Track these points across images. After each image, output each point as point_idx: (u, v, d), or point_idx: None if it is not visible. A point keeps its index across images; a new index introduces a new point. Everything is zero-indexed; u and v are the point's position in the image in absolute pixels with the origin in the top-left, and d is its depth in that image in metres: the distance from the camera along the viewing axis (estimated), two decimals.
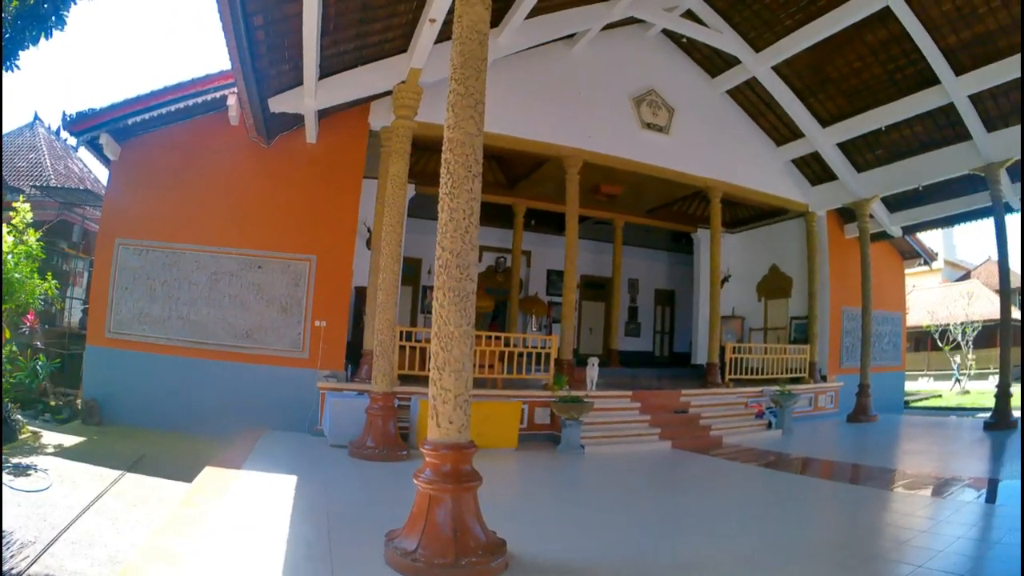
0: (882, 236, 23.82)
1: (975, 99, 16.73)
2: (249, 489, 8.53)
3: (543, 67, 16.74)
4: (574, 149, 16.75)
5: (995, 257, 18.61)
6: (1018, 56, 15.08)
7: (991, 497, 9.96)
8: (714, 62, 19.49)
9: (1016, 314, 30.89)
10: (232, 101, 13.68)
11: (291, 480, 9.05)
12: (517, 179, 20.58)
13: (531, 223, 23.28)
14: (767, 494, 10.59)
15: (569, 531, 7.52)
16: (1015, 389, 17.67)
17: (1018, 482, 10.42)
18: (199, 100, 13.80)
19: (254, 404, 13.50)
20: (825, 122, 19.62)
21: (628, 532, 7.60)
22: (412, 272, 21.69)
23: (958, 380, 40.80)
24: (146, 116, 13.63)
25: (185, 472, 9.39)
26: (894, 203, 22.64)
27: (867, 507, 9.40)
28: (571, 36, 16.87)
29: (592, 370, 15.71)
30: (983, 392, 37.83)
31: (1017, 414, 17.55)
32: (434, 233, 6.45)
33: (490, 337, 15.45)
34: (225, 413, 13.15)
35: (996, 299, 46.68)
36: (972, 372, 42.29)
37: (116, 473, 9.70)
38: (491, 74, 14.77)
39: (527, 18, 13.99)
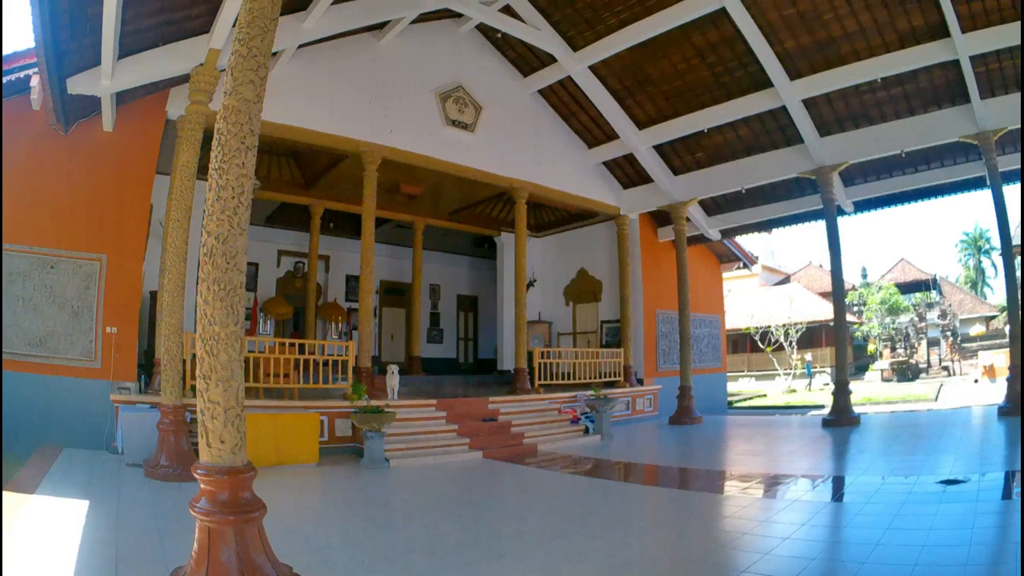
0: (699, 239, 24.77)
1: (809, 104, 17.71)
2: (41, 518, 7.79)
3: (349, 59, 16.77)
4: (374, 144, 16.71)
5: (815, 261, 19.66)
6: (859, 63, 16.26)
7: (839, 496, 9.92)
8: (528, 60, 19.88)
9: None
10: (36, 82, 12.86)
11: (83, 506, 8.39)
12: (315, 177, 20.41)
13: (330, 226, 23.41)
14: (593, 505, 10.08)
15: (374, 559, 6.98)
16: (852, 386, 18.57)
17: (871, 478, 10.72)
18: (3, 80, 12.81)
19: (52, 419, 12.66)
20: (642, 124, 20.29)
21: (441, 557, 7.06)
22: None
23: (810, 376, 43.97)
24: None
25: None
26: (713, 206, 23.56)
27: (715, 514, 9.35)
28: (381, 27, 16.93)
29: (392, 378, 15.79)
30: (810, 389, 40.89)
31: (857, 410, 18.53)
32: None
33: (284, 344, 15.39)
34: (25, 430, 12.19)
35: (818, 301, 49.80)
36: (797, 371, 45.27)
37: None
38: (294, 64, 14.99)
39: (336, 2, 13.95)
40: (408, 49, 17.78)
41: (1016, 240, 46.27)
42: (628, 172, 22.64)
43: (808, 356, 46.67)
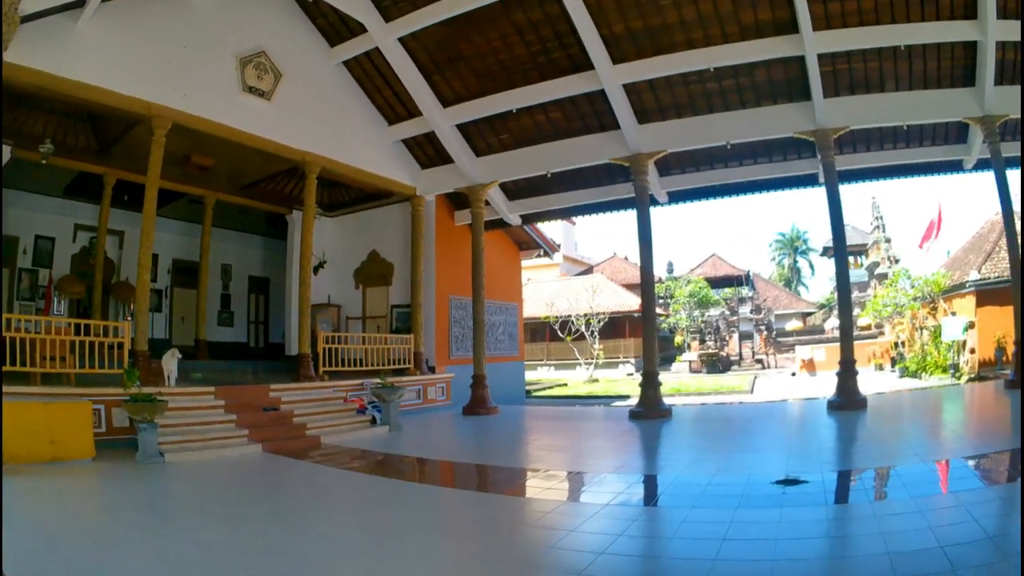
0: (499, 224, 25.22)
1: (630, 89, 18.11)
2: None
3: (156, 15, 16.00)
4: (166, 108, 15.96)
5: (620, 253, 20.31)
6: (692, 52, 16.78)
7: (659, 499, 9.46)
8: (338, 29, 19.64)
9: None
10: None
11: None
12: (109, 144, 19.56)
13: (124, 198, 22.21)
14: (377, 512, 9.27)
15: None
16: (660, 377, 18.60)
17: (695, 477, 10.22)
18: None
19: None
20: (448, 102, 20.37)
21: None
22: (7, 251, 20.38)
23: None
24: None
25: None
26: (515, 190, 23.93)
27: (517, 522, 8.55)
28: None
29: (169, 363, 15.26)
30: (613, 380, 42.20)
31: (667, 401, 18.92)
32: (35, 208, 5.40)
33: (61, 325, 14.80)
34: None
35: (622, 292, 51.56)
36: (600, 361, 46.76)
37: None
38: (99, 18, 14.64)
39: None
40: (217, 8, 17.43)
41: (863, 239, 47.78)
42: (428, 152, 22.79)
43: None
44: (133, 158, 18.90)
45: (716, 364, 49.49)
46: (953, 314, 32.75)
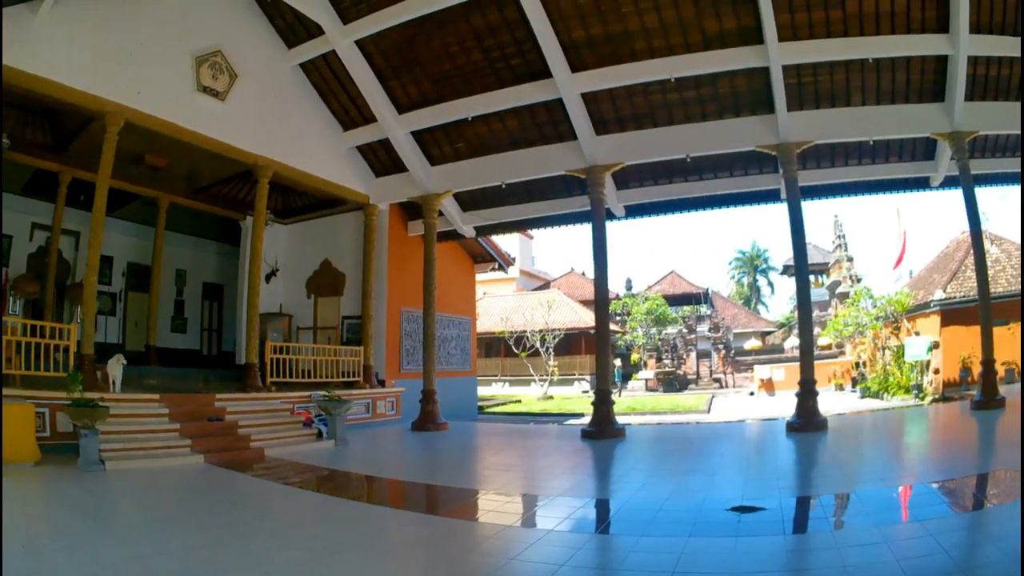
0: (453, 235, 25.13)
1: (589, 98, 17.95)
2: None
3: (115, 9, 15.79)
4: (119, 105, 15.66)
5: (577, 269, 20.21)
6: (654, 61, 16.56)
7: (607, 526, 8.94)
8: (296, 31, 19.38)
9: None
10: None
11: None
12: (66, 141, 19.31)
13: (80, 198, 21.32)
14: (321, 530, 8.82)
15: None
16: (616, 396, 18.42)
17: (645, 502, 9.85)
18: None
19: None
20: (404, 108, 20.11)
21: None
22: None
23: (619, 382, 45.65)
24: None
25: None
26: (470, 201, 23.71)
27: (454, 549, 7.88)
28: None
29: (115, 368, 14.97)
30: (568, 397, 41.91)
31: (622, 420, 18.70)
32: None
33: (8, 325, 14.36)
34: None
35: (578, 308, 51.70)
36: (555, 378, 46.39)
37: None
38: (60, 10, 14.45)
39: None
40: (176, 5, 17.18)
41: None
42: (383, 159, 22.57)
43: (617, 362, 47.97)
44: (89, 156, 18.31)
45: (673, 382, 49.68)
46: (917, 334, 32.89)
